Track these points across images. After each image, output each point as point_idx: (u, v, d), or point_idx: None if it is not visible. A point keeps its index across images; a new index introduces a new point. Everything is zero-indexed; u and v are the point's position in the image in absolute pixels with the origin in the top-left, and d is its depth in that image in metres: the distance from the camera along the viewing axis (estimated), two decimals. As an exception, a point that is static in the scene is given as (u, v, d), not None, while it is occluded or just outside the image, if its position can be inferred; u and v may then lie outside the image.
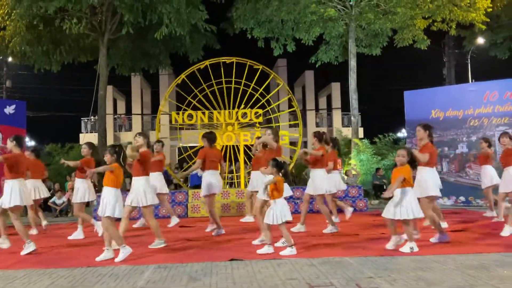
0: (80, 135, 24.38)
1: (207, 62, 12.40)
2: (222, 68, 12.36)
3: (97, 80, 15.55)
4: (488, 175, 8.68)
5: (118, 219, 5.91)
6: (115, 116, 27.19)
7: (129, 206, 6.22)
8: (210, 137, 7.69)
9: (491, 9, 15.93)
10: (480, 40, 22.30)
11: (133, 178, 6.37)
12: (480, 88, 11.43)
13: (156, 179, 8.27)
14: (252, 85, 12.61)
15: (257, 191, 8.24)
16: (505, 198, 7.84)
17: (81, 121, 26.24)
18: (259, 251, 5.70)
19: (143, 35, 15.64)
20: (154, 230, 6.39)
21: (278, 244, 6.07)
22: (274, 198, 5.68)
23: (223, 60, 12.36)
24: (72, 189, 12.86)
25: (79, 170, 7.60)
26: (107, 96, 17.00)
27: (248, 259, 5.33)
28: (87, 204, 12.47)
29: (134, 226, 8.77)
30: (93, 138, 21.14)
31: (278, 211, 5.63)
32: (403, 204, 5.58)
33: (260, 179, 7.94)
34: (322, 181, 7.33)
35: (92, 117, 23.33)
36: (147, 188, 6.28)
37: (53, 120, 29.58)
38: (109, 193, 5.59)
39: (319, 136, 7.52)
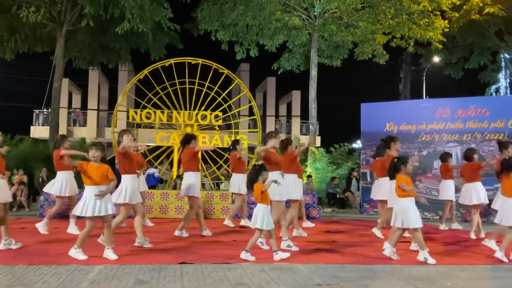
0: (31, 127, 23.44)
1: (172, 61, 12.23)
2: (187, 68, 12.23)
3: (52, 71, 15.01)
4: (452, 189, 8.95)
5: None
6: (70, 110, 26.34)
7: None
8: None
9: (448, 29, 16.60)
10: (436, 59, 23.25)
11: None
12: (433, 104, 11.84)
13: None
14: (216, 88, 12.54)
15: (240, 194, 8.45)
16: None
17: (33, 113, 25.26)
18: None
19: (103, 29, 15.24)
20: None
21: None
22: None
23: (189, 61, 12.23)
24: (20, 183, 12.39)
25: (58, 162, 7.34)
26: (62, 88, 16.44)
27: (198, 263, 5.26)
28: (34, 199, 11.96)
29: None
30: (45, 131, 20.40)
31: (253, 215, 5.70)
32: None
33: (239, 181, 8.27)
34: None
35: (45, 109, 22.48)
36: None
37: (3, 110, 28.32)
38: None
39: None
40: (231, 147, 8.90)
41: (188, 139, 7.47)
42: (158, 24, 14.40)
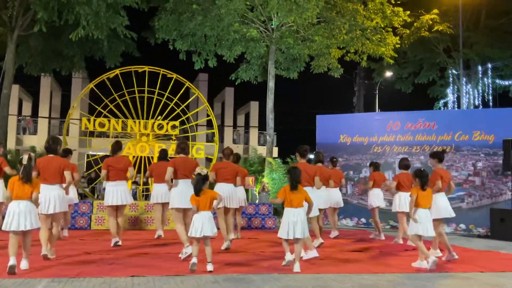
0: (-22, 135, 22.37)
1: (132, 68, 12.09)
2: (147, 77, 12.11)
3: (1, 77, 14.45)
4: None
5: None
6: (19, 118, 25.38)
7: None
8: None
9: (399, 45, 17.25)
10: (388, 73, 24.13)
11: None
12: (385, 117, 12.25)
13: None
14: (175, 100, 12.48)
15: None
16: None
17: (-20, 120, 24.13)
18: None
19: (57, 35, 14.84)
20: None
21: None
22: None
23: (150, 70, 12.12)
24: None
25: None
26: (12, 95, 15.84)
27: (150, 275, 5.19)
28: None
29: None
30: (-8, 139, 19.51)
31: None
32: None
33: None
34: None
35: (-8, 116, 21.52)
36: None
37: None
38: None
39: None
40: (161, 157, 8.59)
41: None
42: (114, 32, 14.16)
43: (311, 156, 8.59)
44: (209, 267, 5.45)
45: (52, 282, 4.72)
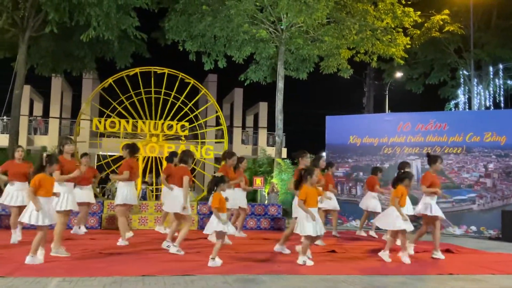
0: (-10, 135, 22.68)
1: (137, 70, 12.14)
2: (152, 78, 12.17)
3: (13, 78, 14.60)
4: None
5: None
6: (31, 118, 25.62)
7: None
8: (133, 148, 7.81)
9: (409, 46, 17.14)
10: (398, 74, 24.01)
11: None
12: (395, 118, 12.15)
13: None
14: (182, 98, 12.51)
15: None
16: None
17: (-8, 121, 24.45)
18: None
19: (68, 36, 14.96)
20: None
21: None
22: None
23: (155, 70, 12.17)
24: None
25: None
26: (23, 96, 16.00)
27: (160, 275, 5.21)
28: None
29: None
30: (4, 139, 19.77)
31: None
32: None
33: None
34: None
35: (4, 117, 21.80)
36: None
37: (-40, 117, 27.23)
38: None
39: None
40: (168, 160, 8.95)
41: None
42: (125, 33, 14.23)
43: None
44: (210, 263, 5.78)
45: (63, 281, 4.76)
